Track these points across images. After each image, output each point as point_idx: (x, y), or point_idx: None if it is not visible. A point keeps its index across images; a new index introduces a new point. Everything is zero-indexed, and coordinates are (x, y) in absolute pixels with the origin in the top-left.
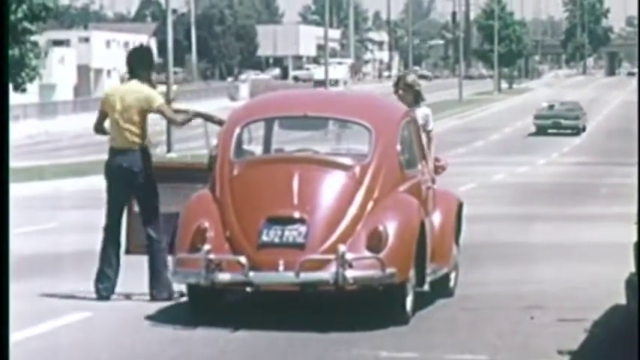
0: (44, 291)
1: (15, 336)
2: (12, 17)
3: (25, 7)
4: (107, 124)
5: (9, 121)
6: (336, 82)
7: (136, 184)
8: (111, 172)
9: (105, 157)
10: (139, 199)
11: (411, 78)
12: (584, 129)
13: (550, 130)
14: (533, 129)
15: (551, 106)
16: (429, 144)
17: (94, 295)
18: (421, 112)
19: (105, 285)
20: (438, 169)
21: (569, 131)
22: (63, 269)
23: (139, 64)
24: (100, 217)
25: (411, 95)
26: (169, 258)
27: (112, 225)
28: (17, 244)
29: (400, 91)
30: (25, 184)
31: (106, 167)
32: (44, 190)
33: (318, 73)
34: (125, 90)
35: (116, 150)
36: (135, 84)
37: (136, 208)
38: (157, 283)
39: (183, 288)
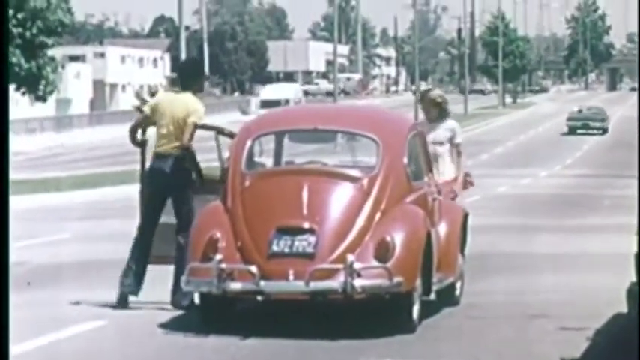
0: (61, 299)
1: (37, 341)
2: (28, 32)
3: (40, 22)
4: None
5: (9, 134)
6: (286, 102)
7: (174, 188)
8: (153, 176)
9: (118, 169)
10: (175, 203)
11: (435, 93)
12: (607, 130)
13: (579, 131)
14: (563, 130)
15: (580, 111)
16: (458, 158)
17: (110, 303)
18: (446, 126)
19: (130, 281)
20: (467, 185)
21: (595, 132)
22: (80, 278)
23: (189, 75)
24: (114, 227)
25: (436, 110)
26: None
27: (146, 227)
28: (36, 254)
29: (424, 106)
30: (43, 194)
31: (148, 171)
32: (60, 201)
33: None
34: (175, 99)
35: (160, 155)
36: (185, 95)
37: (161, 219)
38: (180, 290)
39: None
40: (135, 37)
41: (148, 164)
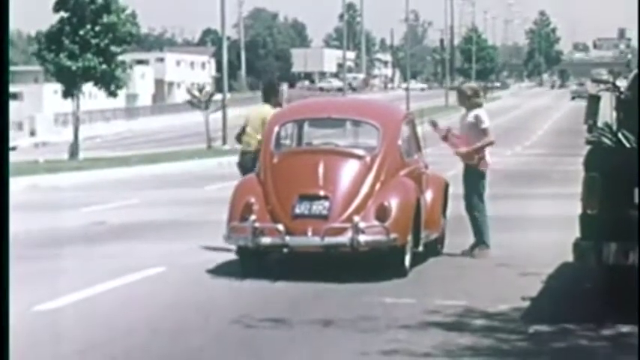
0: (131, 251)
1: (109, 284)
2: (103, 42)
3: (112, 34)
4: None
5: (9, 124)
6: None
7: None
8: (245, 164)
9: (175, 149)
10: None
11: (465, 86)
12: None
13: (578, 98)
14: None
15: (581, 84)
16: (482, 137)
17: (167, 254)
18: (472, 114)
19: None
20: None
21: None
22: (146, 234)
23: (268, 93)
24: (172, 195)
25: (466, 100)
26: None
27: None
28: (109, 216)
29: (459, 97)
30: (115, 169)
31: (241, 161)
32: (129, 174)
33: None
34: (259, 111)
35: (249, 151)
36: (265, 107)
37: None
38: None
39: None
40: (187, 45)
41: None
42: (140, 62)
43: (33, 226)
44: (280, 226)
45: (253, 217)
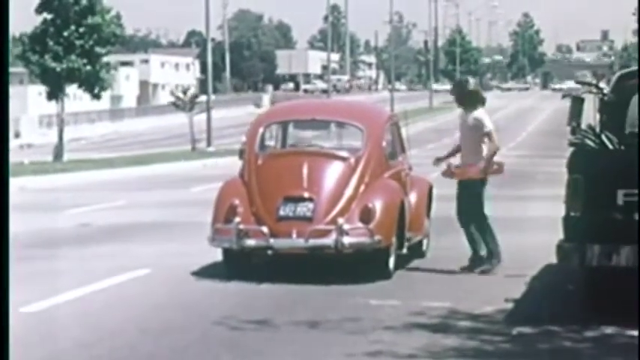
0: (116, 252)
1: (96, 285)
2: (87, 44)
3: (97, 35)
4: None
5: (9, 123)
6: None
7: None
8: None
9: (160, 150)
10: None
11: (468, 81)
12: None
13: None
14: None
15: (577, 82)
16: (488, 144)
17: (154, 255)
18: (472, 115)
19: None
20: (494, 171)
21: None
22: (132, 236)
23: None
24: (158, 196)
25: (466, 98)
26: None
27: None
28: (94, 218)
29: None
30: (100, 171)
31: None
32: (115, 176)
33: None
34: None
35: None
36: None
37: None
38: None
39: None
40: (172, 46)
41: None
42: (125, 64)
43: (21, 228)
44: (265, 228)
45: (238, 219)
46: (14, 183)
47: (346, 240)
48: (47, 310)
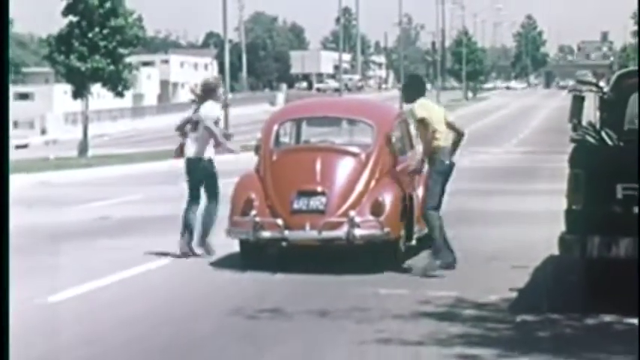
0: (135, 245)
1: (114, 277)
2: (111, 44)
3: (119, 36)
4: None
5: (9, 122)
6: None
7: None
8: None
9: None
10: None
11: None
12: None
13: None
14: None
15: (579, 81)
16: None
17: (173, 248)
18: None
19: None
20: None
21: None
22: (150, 228)
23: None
24: (176, 190)
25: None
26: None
27: None
28: (114, 211)
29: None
30: (122, 165)
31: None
32: (135, 170)
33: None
34: (437, 110)
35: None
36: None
37: None
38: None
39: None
40: (191, 47)
41: None
42: (146, 64)
43: (43, 220)
44: (279, 221)
45: (254, 212)
46: (40, 178)
47: (357, 232)
48: (67, 300)
